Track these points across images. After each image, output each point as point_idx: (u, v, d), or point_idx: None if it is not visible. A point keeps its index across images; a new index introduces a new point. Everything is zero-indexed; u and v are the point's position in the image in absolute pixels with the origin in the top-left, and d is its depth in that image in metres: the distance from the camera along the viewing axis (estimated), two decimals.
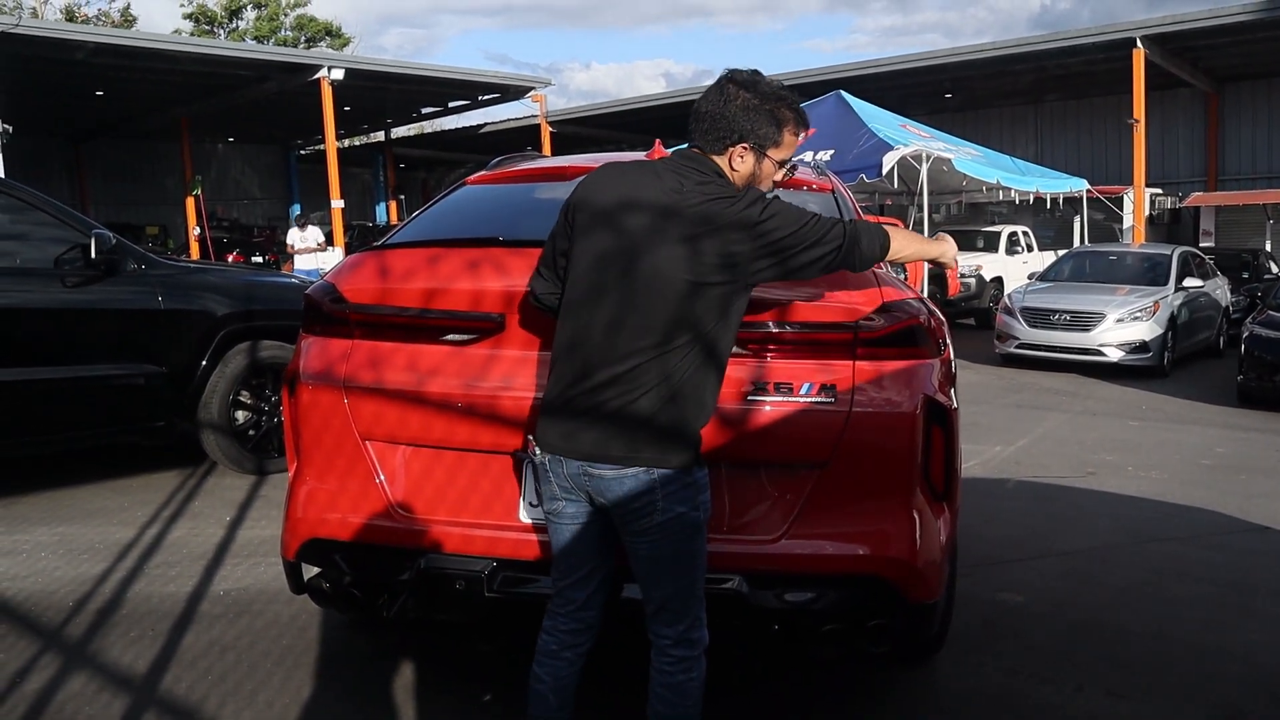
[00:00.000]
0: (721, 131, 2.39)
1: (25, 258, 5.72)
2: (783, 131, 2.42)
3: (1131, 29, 19.79)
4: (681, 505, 2.34)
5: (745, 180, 2.43)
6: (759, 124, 2.38)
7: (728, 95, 2.39)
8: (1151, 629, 4.09)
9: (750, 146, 2.39)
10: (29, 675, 3.48)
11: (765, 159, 2.42)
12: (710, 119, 2.40)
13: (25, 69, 19.41)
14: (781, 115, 2.41)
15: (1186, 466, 7.26)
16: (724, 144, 2.40)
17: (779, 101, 2.41)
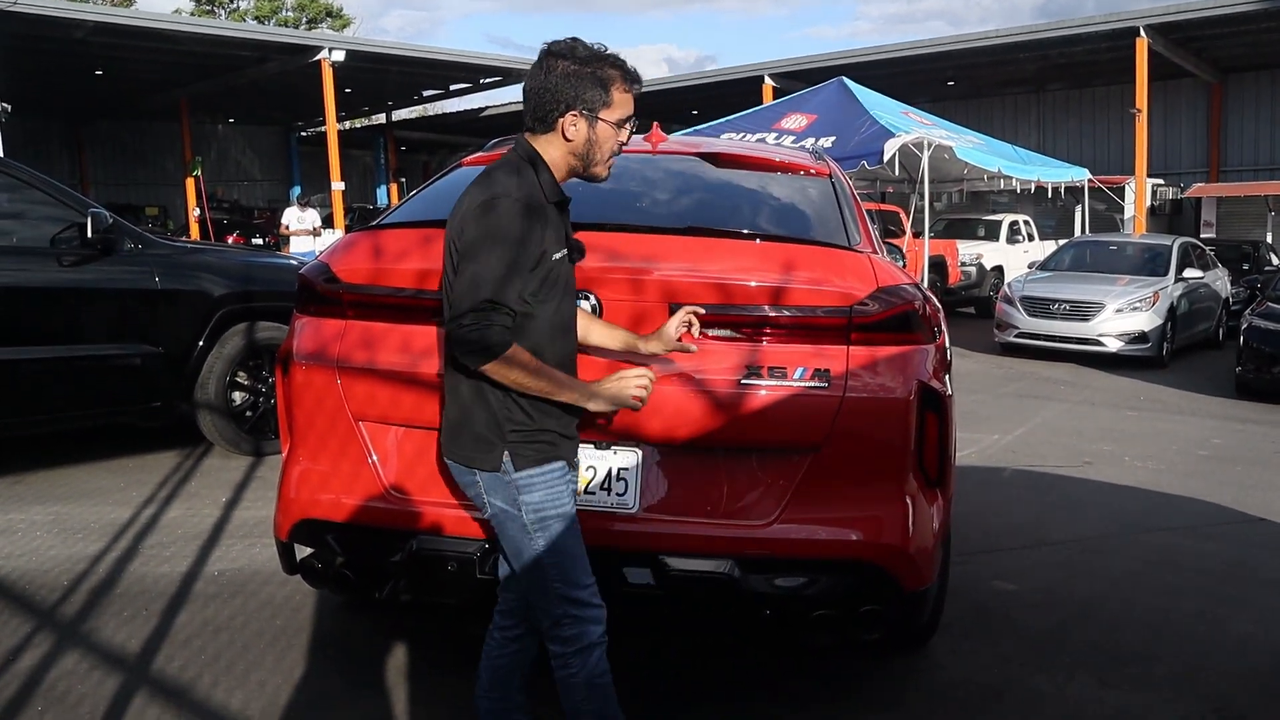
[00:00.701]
0: (548, 105, 2.32)
1: (22, 236, 5.70)
2: (610, 91, 2.34)
3: (1135, 18, 19.73)
4: (502, 503, 2.36)
5: (583, 149, 2.36)
6: (583, 88, 2.31)
7: (548, 68, 2.33)
8: (1145, 618, 4.09)
9: (580, 113, 2.32)
10: (22, 653, 3.49)
11: (599, 122, 2.34)
12: (535, 96, 2.34)
13: (25, 48, 19.34)
14: (605, 75, 2.34)
15: (1183, 457, 7.26)
16: (552, 117, 2.33)
17: (600, 61, 2.34)
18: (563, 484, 2.40)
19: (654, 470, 2.77)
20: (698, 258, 2.85)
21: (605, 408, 2.41)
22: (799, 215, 3.42)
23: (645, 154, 3.78)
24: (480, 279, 2.19)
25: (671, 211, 3.37)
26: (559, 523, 2.38)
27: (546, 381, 2.30)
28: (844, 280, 2.82)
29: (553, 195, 2.35)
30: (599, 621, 2.41)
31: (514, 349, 2.24)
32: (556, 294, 2.35)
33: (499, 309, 2.20)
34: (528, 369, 2.27)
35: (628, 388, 2.40)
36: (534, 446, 2.35)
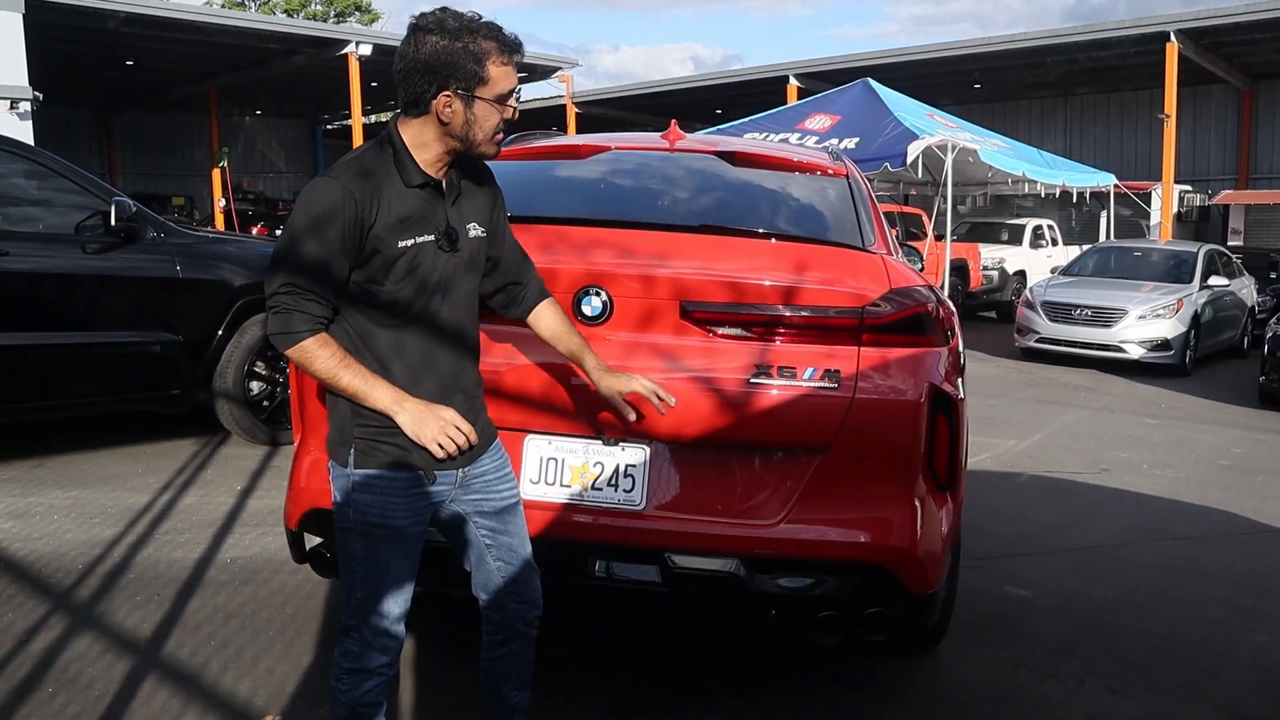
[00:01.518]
0: (418, 85, 2.12)
1: (47, 223, 5.77)
2: (485, 65, 2.12)
3: (1165, 23, 19.55)
4: (339, 497, 2.25)
5: (461, 130, 2.15)
6: (455, 66, 2.10)
7: (416, 44, 2.11)
8: (1158, 628, 4.06)
9: (454, 93, 2.12)
10: (36, 635, 3.52)
11: (476, 101, 2.13)
12: (404, 77, 2.13)
13: (57, 38, 19.51)
14: (479, 48, 2.11)
15: (1202, 466, 7.20)
16: (425, 100, 2.13)
17: (473, 33, 2.12)
18: (400, 496, 2.22)
19: (662, 467, 2.78)
20: (710, 256, 2.85)
21: (408, 431, 2.15)
22: (814, 215, 3.41)
23: (662, 151, 3.78)
24: (281, 260, 2.10)
25: (686, 209, 3.37)
26: (382, 535, 2.22)
27: (352, 379, 2.12)
28: (857, 281, 2.82)
29: (414, 178, 2.17)
30: (387, 653, 2.27)
31: (313, 340, 2.10)
32: (413, 284, 2.17)
33: (303, 294, 2.08)
34: (327, 361, 2.11)
35: (432, 429, 2.15)
36: (378, 446, 2.19)
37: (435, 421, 2.17)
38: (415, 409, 2.16)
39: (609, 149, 3.74)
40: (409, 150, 2.18)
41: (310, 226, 2.08)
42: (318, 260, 2.08)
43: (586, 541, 2.76)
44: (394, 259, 2.14)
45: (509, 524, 2.43)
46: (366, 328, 2.18)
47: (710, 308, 2.76)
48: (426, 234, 2.19)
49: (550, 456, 2.80)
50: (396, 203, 2.15)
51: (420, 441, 2.16)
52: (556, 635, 3.69)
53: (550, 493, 2.78)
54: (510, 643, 2.49)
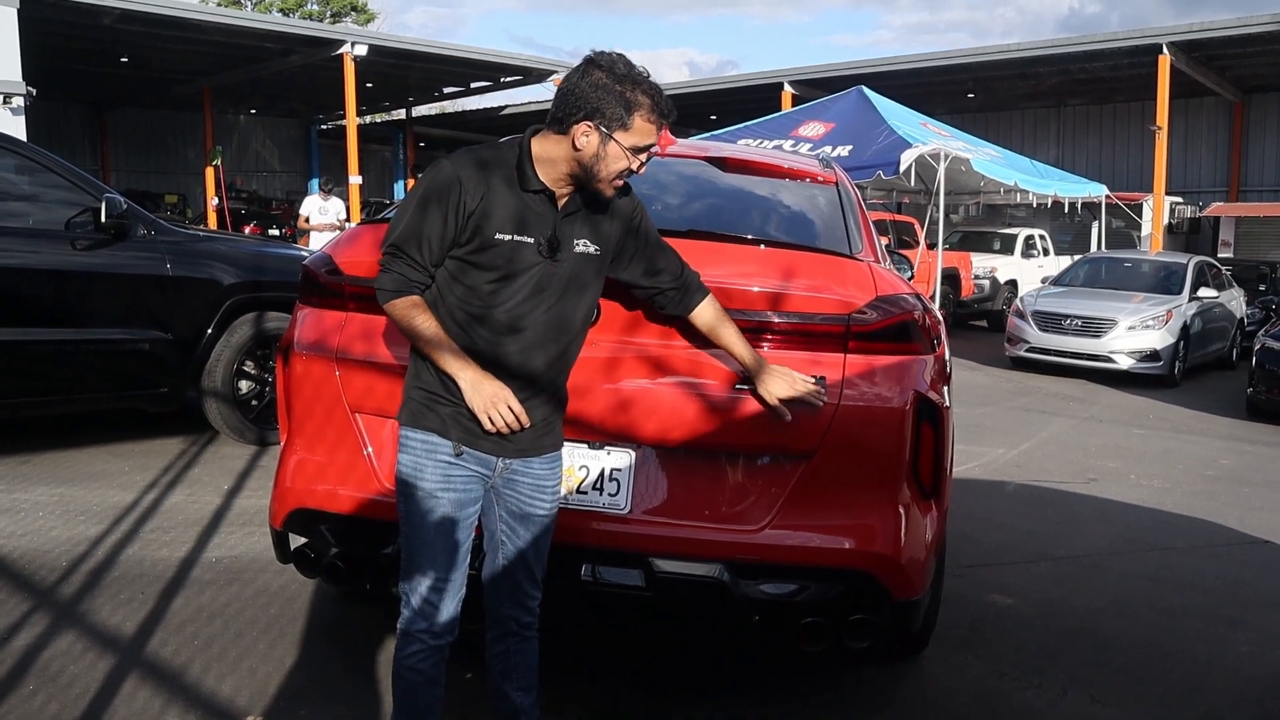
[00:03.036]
0: (569, 108, 2.28)
1: (37, 219, 5.74)
2: (632, 115, 2.27)
3: (1158, 35, 19.64)
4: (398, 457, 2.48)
5: (589, 161, 2.29)
6: (606, 103, 2.26)
7: (583, 73, 2.29)
8: (1142, 637, 4.07)
9: (594, 125, 2.26)
10: (18, 632, 3.51)
11: (611, 141, 2.27)
12: (562, 96, 2.30)
13: (52, 33, 19.45)
14: (633, 98, 2.27)
15: (1189, 477, 7.23)
16: (568, 121, 2.28)
17: (634, 85, 2.28)
18: (429, 459, 2.38)
19: (647, 472, 2.78)
20: (697, 261, 2.85)
21: (466, 397, 2.32)
22: (802, 222, 3.42)
23: (653, 156, 3.78)
24: (394, 224, 2.33)
25: (675, 214, 3.38)
26: (414, 495, 2.39)
27: (430, 339, 2.31)
28: (843, 288, 2.82)
29: (531, 184, 2.32)
30: (425, 619, 2.39)
31: (403, 300, 2.32)
32: (496, 273, 2.31)
33: (402, 257, 2.31)
34: (413, 320, 2.31)
35: (486, 397, 2.30)
36: (417, 406, 2.39)
37: (490, 392, 2.31)
38: (475, 376, 2.31)
39: None
40: (533, 159, 2.33)
41: (421, 199, 2.30)
42: (418, 230, 2.29)
43: (571, 545, 2.76)
44: (488, 247, 2.30)
45: (531, 534, 2.50)
46: (452, 303, 2.34)
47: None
48: (528, 235, 2.32)
49: None
50: (504, 198, 2.31)
51: (472, 407, 2.31)
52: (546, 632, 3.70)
53: None
54: (506, 640, 2.55)
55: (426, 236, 2.29)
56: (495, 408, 2.30)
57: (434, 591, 2.39)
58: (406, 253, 2.30)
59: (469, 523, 2.43)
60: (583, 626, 3.79)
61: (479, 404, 2.30)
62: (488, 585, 2.55)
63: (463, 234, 2.29)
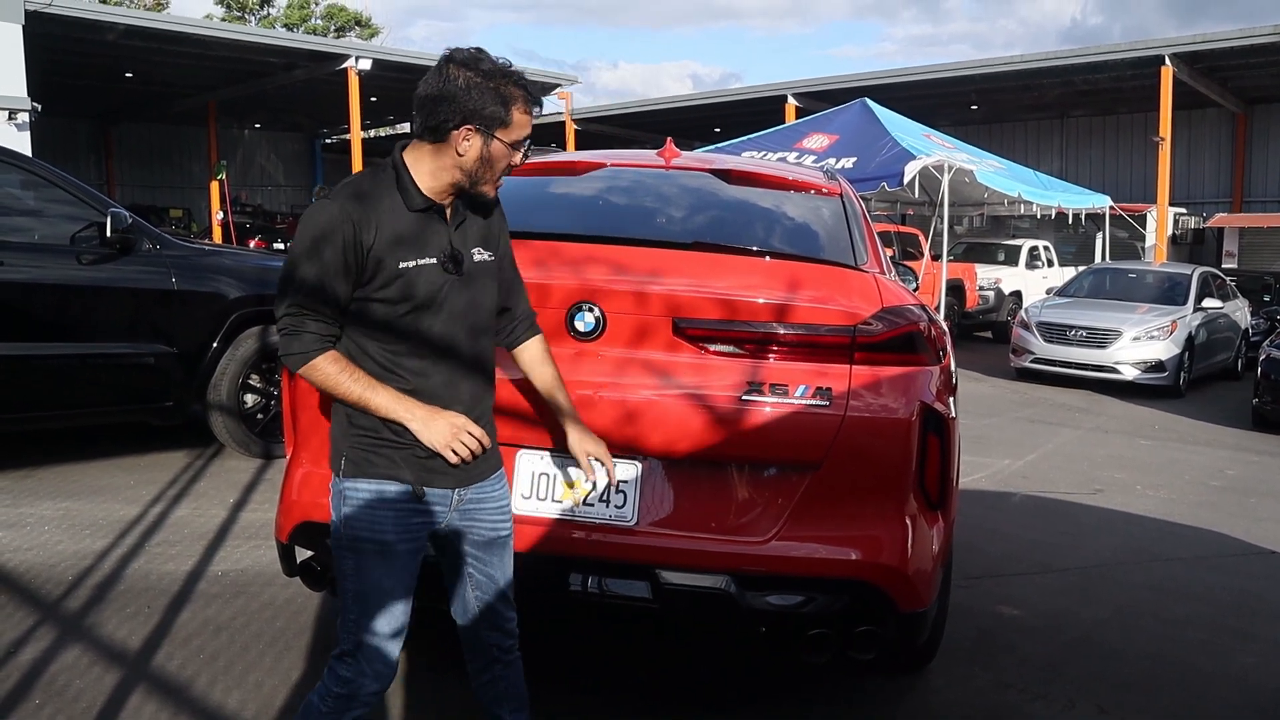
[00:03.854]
0: (443, 114, 2.18)
1: (43, 234, 5.77)
2: (511, 110, 2.20)
3: (1161, 46, 19.68)
4: (332, 510, 2.29)
5: (474, 166, 2.22)
6: (484, 103, 2.17)
7: (448, 75, 2.18)
8: (1148, 648, 4.06)
9: (476, 128, 2.18)
10: (24, 646, 3.51)
11: (494, 140, 2.21)
12: (431, 104, 2.19)
13: (57, 49, 19.59)
14: (508, 92, 2.19)
15: (1195, 487, 7.21)
16: (446, 129, 2.18)
17: (505, 78, 2.20)
18: (388, 510, 2.23)
19: (653, 483, 2.78)
20: (703, 273, 2.87)
21: (423, 440, 2.20)
22: (807, 233, 3.43)
23: (657, 169, 3.80)
24: (285, 284, 2.17)
25: (680, 226, 3.39)
26: (371, 551, 2.22)
27: (362, 391, 2.18)
28: (849, 299, 2.83)
29: (417, 203, 2.21)
30: (379, 680, 2.26)
31: (323, 358, 2.16)
32: (409, 303, 2.20)
33: (309, 314, 2.15)
34: (339, 376, 2.17)
35: (445, 433, 2.21)
36: (359, 455, 2.23)
37: (447, 427, 2.22)
38: (424, 414, 2.21)
39: (605, 165, 3.76)
40: (412, 175, 2.23)
41: (310, 248, 2.14)
42: (319, 280, 2.14)
43: (577, 557, 2.76)
44: (394, 278, 2.18)
45: (496, 557, 2.43)
46: (369, 346, 2.22)
47: (703, 324, 2.77)
48: (429, 256, 2.22)
49: (542, 472, 2.80)
50: (395, 224, 2.19)
51: (433, 447, 2.21)
52: (547, 650, 3.69)
53: (542, 508, 2.78)
54: (491, 668, 2.49)
55: (330, 285, 2.14)
56: (457, 440, 2.22)
57: (390, 644, 2.27)
58: (312, 308, 2.15)
59: (417, 573, 2.31)
60: (585, 638, 3.79)
61: (440, 441, 2.21)
62: (464, 621, 2.47)
63: (364, 273, 2.16)
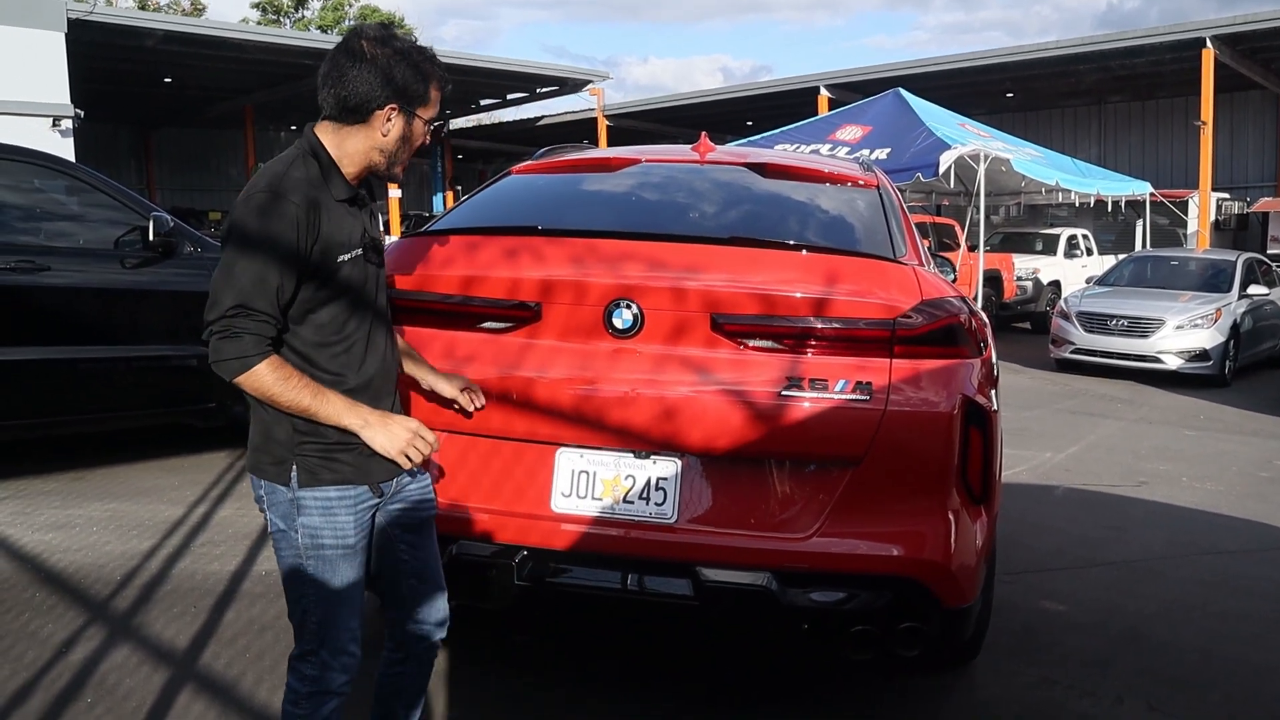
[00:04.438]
0: (364, 95, 2.11)
1: (87, 239, 5.86)
2: (429, 87, 2.18)
3: (1201, 29, 19.35)
4: (280, 520, 2.20)
5: (393, 146, 2.18)
6: (406, 81, 2.13)
7: (363, 53, 2.11)
8: (1197, 643, 3.99)
9: (399, 107, 2.15)
10: (75, 645, 3.57)
11: (415, 119, 2.19)
12: (344, 84, 2.11)
13: (98, 56, 19.88)
14: (426, 69, 2.17)
15: (1243, 478, 7.08)
16: (368, 109, 2.13)
17: (419, 54, 2.17)
18: (348, 513, 2.19)
19: (693, 480, 2.77)
20: (740, 268, 2.85)
21: (377, 445, 2.16)
22: (844, 226, 3.40)
23: (692, 164, 3.79)
24: (228, 282, 2.03)
25: (716, 222, 3.37)
26: (336, 554, 2.20)
27: (311, 399, 2.08)
28: (888, 292, 2.80)
29: (342, 192, 2.16)
30: (347, 671, 2.26)
31: (266, 363, 2.04)
32: (346, 299, 2.17)
33: (252, 315, 2.02)
34: (284, 383, 2.06)
35: (403, 440, 2.17)
36: (327, 463, 2.16)
37: (404, 433, 2.19)
38: (375, 419, 2.17)
39: (639, 161, 3.75)
40: (335, 162, 2.17)
41: (256, 241, 2.04)
42: (264, 277, 2.03)
43: (618, 554, 2.76)
44: (333, 274, 2.13)
45: (425, 540, 2.43)
46: (307, 349, 2.15)
47: (741, 320, 2.76)
48: (356, 247, 2.19)
49: (582, 470, 2.80)
50: (331, 215, 2.13)
51: (389, 454, 2.17)
52: (589, 644, 3.70)
53: (582, 506, 2.78)
54: (408, 661, 2.48)
55: (278, 282, 2.04)
56: (412, 446, 2.19)
57: (354, 642, 2.27)
58: (256, 308, 2.02)
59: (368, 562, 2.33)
60: (618, 636, 3.79)
61: (395, 449, 2.17)
62: (396, 610, 2.45)
63: (307, 269, 2.08)
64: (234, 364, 2.04)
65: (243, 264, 2.03)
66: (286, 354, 2.13)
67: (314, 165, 2.15)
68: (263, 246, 2.03)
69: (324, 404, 2.10)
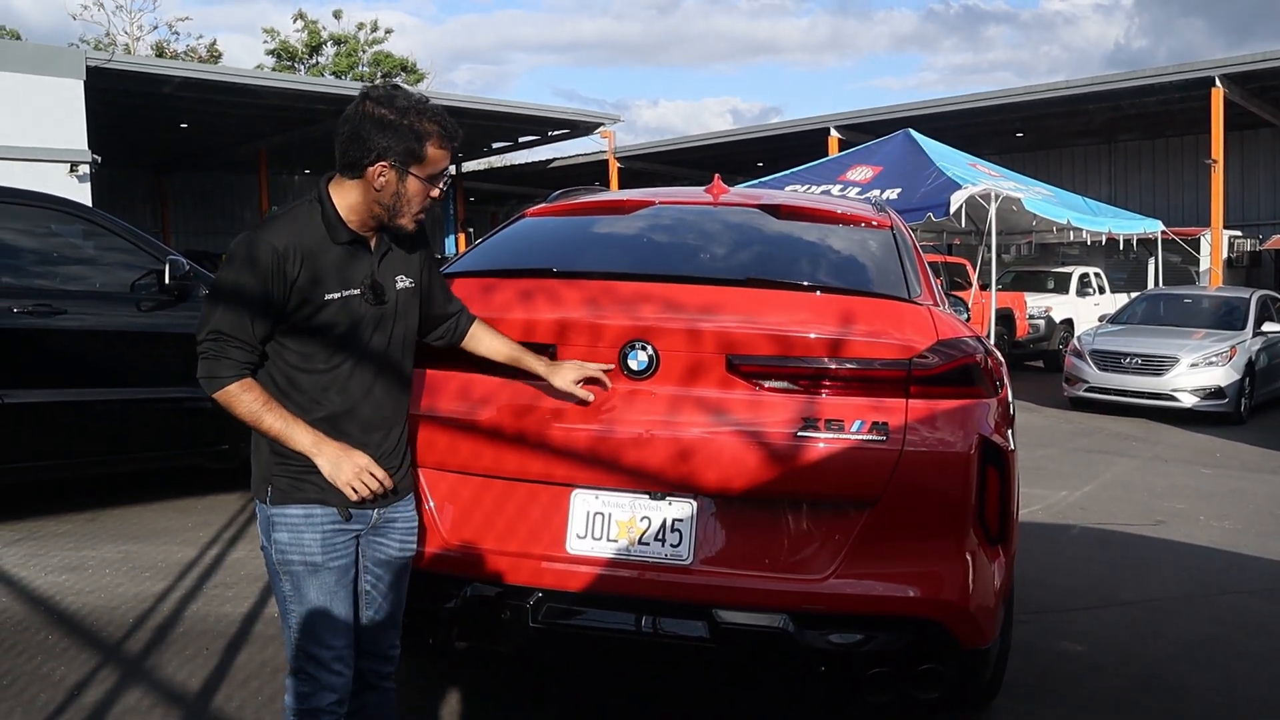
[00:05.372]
0: (358, 151, 2.27)
1: (103, 282, 5.91)
2: (425, 146, 2.29)
3: (1210, 68, 19.41)
4: (263, 537, 2.39)
5: (389, 200, 2.31)
6: (397, 140, 2.26)
7: (363, 114, 2.27)
8: (1218, 685, 3.94)
9: (390, 164, 2.27)
10: (88, 687, 3.56)
11: (409, 176, 2.30)
12: (346, 141, 2.29)
13: (116, 102, 20.14)
14: (422, 128, 2.28)
15: (1261, 517, 7.01)
16: (362, 165, 2.28)
17: (419, 114, 2.28)
18: (313, 531, 2.33)
19: (709, 522, 2.76)
20: (756, 309, 2.86)
21: (326, 474, 2.30)
22: (859, 267, 3.41)
23: (706, 205, 3.81)
24: (211, 308, 2.26)
25: (731, 263, 3.38)
26: (305, 572, 2.33)
27: (274, 422, 2.26)
28: (903, 333, 2.80)
29: (342, 236, 2.32)
30: (334, 690, 2.35)
31: (237, 385, 2.23)
32: (333, 334, 2.31)
33: (229, 341, 2.23)
34: (252, 406, 2.24)
35: (348, 473, 2.30)
36: (286, 483, 2.32)
37: (351, 466, 2.31)
38: (332, 453, 2.30)
39: (653, 204, 3.78)
40: (338, 210, 2.33)
41: (236, 279, 2.24)
42: (242, 310, 2.23)
43: (633, 596, 2.74)
44: (318, 310, 2.29)
45: (395, 577, 2.51)
46: (292, 374, 2.31)
47: (757, 361, 2.76)
48: (352, 288, 2.34)
49: (597, 511, 2.79)
50: (321, 258, 2.30)
51: (335, 484, 2.31)
52: (595, 691, 3.67)
53: (597, 548, 2.77)
54: (363, 694, 2.51)
55: (252, 316, 2.23)
56: (359, 480, 2.31)
57: (339, 661, 2.36)
58: (234, 336, 2.23)
59: (352, 585, 2.43)
60: (628, 675, 3.75)
61: (344, 479, 2.30)
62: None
63: (289, 304, 2.26)
64: (207, 382, 2.26)
65: (223, 295, 2.26)
66: (270, 371, 2.31)
67: (317, 210, 2.34)
68: (239, 283, 2.24)
69: (285, 428, 2.28)
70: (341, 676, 2.36)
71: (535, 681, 3.75)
